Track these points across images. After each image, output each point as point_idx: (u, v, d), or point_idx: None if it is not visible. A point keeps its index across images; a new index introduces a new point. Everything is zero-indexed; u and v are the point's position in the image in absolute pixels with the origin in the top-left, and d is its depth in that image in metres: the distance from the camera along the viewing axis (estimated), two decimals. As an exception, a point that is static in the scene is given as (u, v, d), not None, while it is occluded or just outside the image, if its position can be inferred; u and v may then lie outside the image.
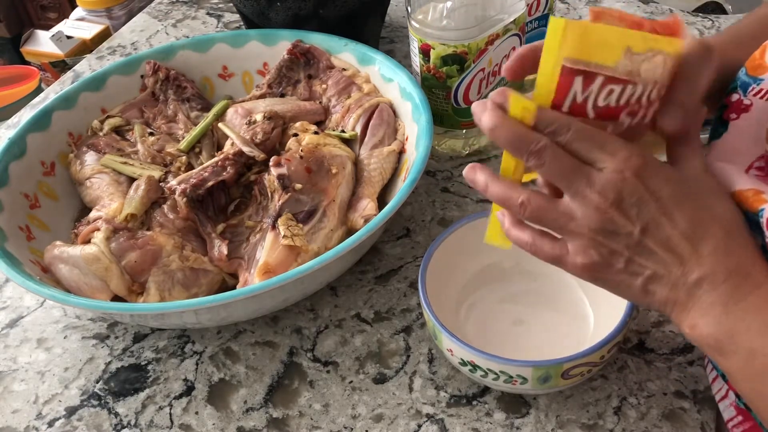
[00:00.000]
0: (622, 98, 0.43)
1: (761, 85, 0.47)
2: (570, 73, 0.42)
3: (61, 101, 0.77)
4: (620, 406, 0.57)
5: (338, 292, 0.68)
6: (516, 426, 0.56)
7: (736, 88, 0.49)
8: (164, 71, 0.82)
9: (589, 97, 0.42)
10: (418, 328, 0.64)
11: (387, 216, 0.61)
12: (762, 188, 0.46)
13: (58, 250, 0.64)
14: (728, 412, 0.51)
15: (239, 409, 0.60)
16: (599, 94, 0.42)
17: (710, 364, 0.53)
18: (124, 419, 0.60)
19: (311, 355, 0.63)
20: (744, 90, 0.48)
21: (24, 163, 0.72)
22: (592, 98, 0.43)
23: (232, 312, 0.61)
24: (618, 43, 0.41)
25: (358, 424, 0.57)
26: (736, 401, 0.50)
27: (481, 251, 0.64)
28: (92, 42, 1.89)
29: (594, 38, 0.41)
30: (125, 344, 0.66)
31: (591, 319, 0.61)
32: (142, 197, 0.67)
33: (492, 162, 0.78)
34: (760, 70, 0.47)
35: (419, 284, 0.58)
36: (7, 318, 0.70)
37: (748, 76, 0.48)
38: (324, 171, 0.67)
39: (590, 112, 0.43)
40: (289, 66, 0.80)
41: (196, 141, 0.75)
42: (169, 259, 0.63)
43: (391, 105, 0.76)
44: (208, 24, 1.08)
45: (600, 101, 0.43)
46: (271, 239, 0.62)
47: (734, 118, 0.49)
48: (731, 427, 0.51)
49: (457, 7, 0.70)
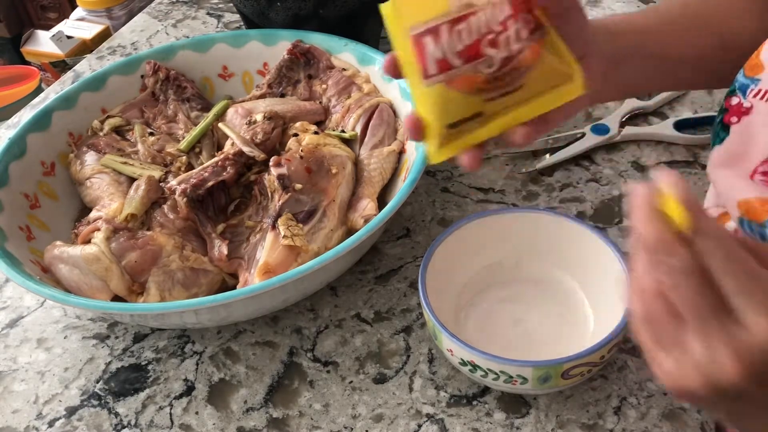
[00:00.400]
0: (473, 32, 0.42)
1: (759, 85, 0.46)
2: (419, 39, 0.42)
3: (62, 101, 0.77)
4: (620, 406, 0.57)
5: (338, 292, 0.68)
6: (516, 426, 0.56)
7: (734, 91, 0.49)
8: (164, 71, 0.82)
9: (446, 49, 0.42)
10: (418, 328, 0.64)
11: (387, 216, 0.61)
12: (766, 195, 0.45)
13: (58, 250, 0.64)
14: None
15: (239, 409, 0.60)
16: (451, 41, 0.42)
17: None
18: (125, 419, 0.60)
19: (311, 355, 0.63)
20: (743, 92, 0.48)
21: (24, 163, 0.72)
22: (449, 48, 0.42)
23: (232, 312, 0.61)
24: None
25: (358, 424, 0.57)
26: None
27: (481, 251, 0.64)
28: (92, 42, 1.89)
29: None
30: (125, 344, 0.66)
31: (591, 319, 0.61)
32: (142, 197, 0.67)
33: (492, 162, 0.78)
34: (756, 70, 0.47)
35: (419, 284, 0.58)
36: (7, 318, 0.70)
37: (745, 77, 0.47)
38: (324, 171, 0.67)
39: (455, 61, 0.43)
40: (289, 66, 0.80)
41: (196, 141, 0.75)
42: (169, 259, 0.63)
43: (392, 105, 0.76)
44: (208, 24, 1.08)
45: (457, 46, 0.42)
46: (271, 239, 0.62)
47: (735, 121, 0.48)
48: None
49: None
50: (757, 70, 0.47)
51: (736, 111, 0.48)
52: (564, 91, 0.44)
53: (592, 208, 0.73)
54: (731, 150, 0.48)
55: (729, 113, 0.49)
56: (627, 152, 0.78)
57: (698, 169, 0.75)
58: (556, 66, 0.44)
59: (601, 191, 0.74)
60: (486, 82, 0.43)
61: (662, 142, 0.79)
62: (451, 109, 0.44)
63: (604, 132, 0.79)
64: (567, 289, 0.63)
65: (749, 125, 0.47)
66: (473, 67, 0.43)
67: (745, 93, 0.47)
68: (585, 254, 0.61)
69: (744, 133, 0.47)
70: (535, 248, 0.64)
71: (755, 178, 0.46)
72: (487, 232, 0.63)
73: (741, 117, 0.48)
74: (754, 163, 0.47)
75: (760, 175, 0.46)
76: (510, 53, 0.43)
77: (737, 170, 0.47)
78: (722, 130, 0.49)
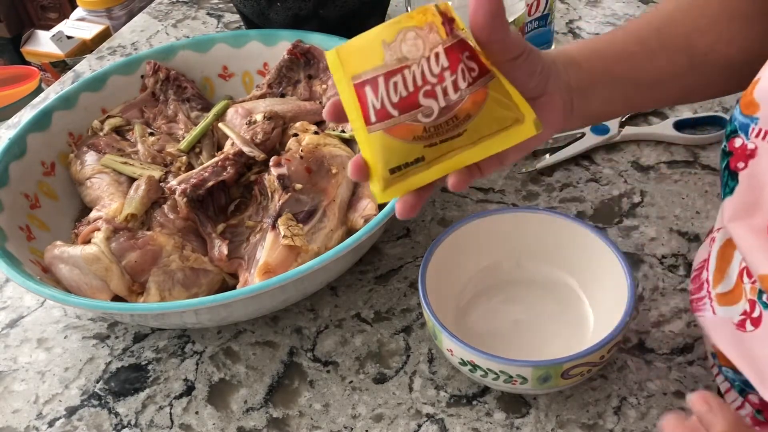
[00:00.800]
0: (408, 84, 0.44)
1: (759, 124, 0.44)
2: (360, 88, 0.44)
3: (62, 101, 0.77)
4: (620, 406, 0.57)
5: (338, 292, 0.68)
6: (516, 426, 0.56)
7: (736, 131, 0.46)
8: (164, 71, 0.82)
9: (383, 100, 0.44)
10: (418, 328, 0.64)
11: (387, 216, 0.61)
12: None
13: (59, 250, 0.64)
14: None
15: (239, 409, 0.60)
16: (388, 92, 0.44)
17: (721, 375, 0.52)
18: (125, 419, 0.60)
19: (311, 355, 0.63)
20: (745, 132, 0.45)
21: (24, 163, 0.72)
22: (386, 98, 0.44)
23: (232, 312, 0.61)
24: (374, 43, 0.44)
25: (358, 424, 0.57)
26: (754, 413, 0.49)
27: (481, 251, 0.64)
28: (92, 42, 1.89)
29: (356, 49, 0.45)
30: (125, 344, 0.66)
31: (591, 319, 0.61)
32: (142, 197, 0.67)
33: (492, 162, 0.78)
34: (752, 108, 0.45)
35: (419, 284, 0.58)
36: (7, 318, 0.70)
37: (743, 116, 0.45)
38: (324, 171, 0.67)
39: (392, 111, 0.44)
40: (289, 66, 0.80)
41: (197, 141, 0.75)
42: (169, 259, 0.63)
43: (391, 105, 0.76)
44: (208, 24, 1.08)
45: (393, 97, 0.44)
46: (271, 239, 0.62)
47: (743, 167, 0.45)
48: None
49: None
50: (754, 108, 0.44)
51: (742, 155, 0.45)
52: (513, 133, 0.45)
53: (592, 208, 0.73)
54: (744, 201, 0.46)
55: (735, 157, 0.46)
56: (627, 152, 0.79)
57: (698, 169, 0.75)
58: (502, 111, 0.45)
59: (601, 191, 0.74)
60: (425, 131, 0.44)
61: (662, 142, 0.79)
62: (393, 155, 0.45)
63: (604, 132, 0.79)
64: (567, 289, 0.63)
65: (758, 169, 0.44)
66: (411, 117, 0.44)
67: (747, 133, 0.45)
68: (585, 254, 0.61)
69: (753, 179, 0.45)
70: (535, 248, 0.64)
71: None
72: (487, 232, 0.63)
73: (747, 161, 0.45)
74: (764, 217, 0.44)
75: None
76: (447, 103, 0.44)
77: (752, 223, 0.45)
78: (731, 178, 0.47)
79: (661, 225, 0.70)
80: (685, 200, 0.72)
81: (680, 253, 0.67)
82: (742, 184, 0.46)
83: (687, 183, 0.74)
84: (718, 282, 0.49)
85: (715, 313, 0.49)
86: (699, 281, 0.53)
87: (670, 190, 0.74)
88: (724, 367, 0.50)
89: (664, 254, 0.67)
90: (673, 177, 0.75)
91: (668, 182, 0.74)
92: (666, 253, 0.67)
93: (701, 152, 0.77)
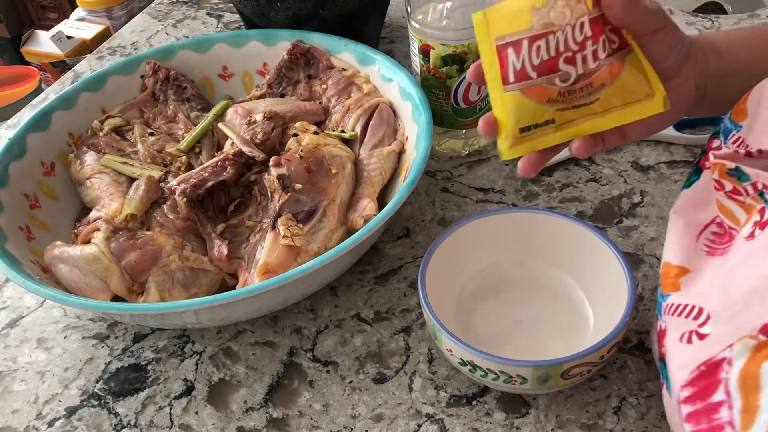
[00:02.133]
0: (551, 49, 0.46)
1: (740, 132, 0.45)
2: (502, 49, 0.47)
3: (61, 101, 0.77)
4: (620, 406, 0.57)
5: (338, 292, 0.68)
6: (516, 426, 0.56)
7: (718, 133, 0.47)
8: (164, 71, 0.82)
9: (525, 62, 0.47)
10: (418, 328, 0.64)
11: (387, 216, 0.61)
12: (693, 264, 0.44)
13: (58, 250, 0.64)
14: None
15: (239, 409, 0.60)
16: (530, 54, 0.47)
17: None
18: (124, 419, 0.60)
19: (311, 355, 0.63)
20: (725, 136, 0.46)
21: (24, 163, 0.72)
22: (528, 61, 0.47)
23: (232, 312, 0.61)
24: (524, 7, 0.47)
25: (358, 424, 0.57)
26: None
27: (481, 251, 0.64)
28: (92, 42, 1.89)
29: (506, 13, 0.48)
30: (125, 344, 0.66)
31: (591, 319, 0.61)
32: (142, 197, 0.67)
33: (491, 161, 0.78)
34: (741, 116, 0.46)
35: (419, 284, 0.58)
36: (7, 318, 0.70)
37: (731, 122, 0.46)
38: (324, 171, 0.67)
39: (531, 73, 0.47)
40: (289, 66, 0.80)
41: (196, 141, 0.75)
42: (169, 259, 0.63)
43: (391, 105, 0.76)
44: (208, 24, 1.08)
45: (534, 60, 0.47)
46: (271, 239, 0.62)
47: (708, 167, 0.47)
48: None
49: (457, 7, 0.70)
50: (741, 116, 0.46)
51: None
52: (641, 108, 0.47)
53: (592, 208, 0.73)
54: (696, 197, 0.47)
55: (706, 156, 0.47)
56: (627, 152, 0.79)
57: (698, 169, 0.75)
58: (635, 85, 0.46)
59: (601, 191, 0.74)
60: (560, 95, 0.47)
61: (662, 142, 0.79)
62: (525, 115, 0.48)
63: (604, 132, 0.79)
64: (567, 289, 0.63)
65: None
66: (548, 80, 0.47)
67: (727, 137, 0.46)
68: (585, 254, 0.61)
69: (713, 181, 0.46)
70: (535, 248, 0.64)
71: (702, 237, 0.46)
72: (487, 232, 0.63)
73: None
74: (710, 215, 0.46)
75: (711, 234, 0.46)
76: (585, 71, 0.46)
77: (693, 220, 0.46)
78: (695, 173, 0.48)
79: (661, 225, 0.70)
80: (685, 200, 0.72)
81: (680, 253, 0.67)
82: (702, 181, 0.47)
83: (687, 183, 0.74)
84: (749, 425, 0.37)
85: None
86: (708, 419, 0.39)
87: (670, 190, 0.74)
88: None
89: (664, 254, 0.67)
90: (673, 177, 0.75)
91: (668, 182, 0.74)
92: (666, 253, 0.67)
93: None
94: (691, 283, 0.44)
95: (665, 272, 0.45)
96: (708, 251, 0.46)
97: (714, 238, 0.46)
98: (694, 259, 0.45)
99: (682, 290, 0.44)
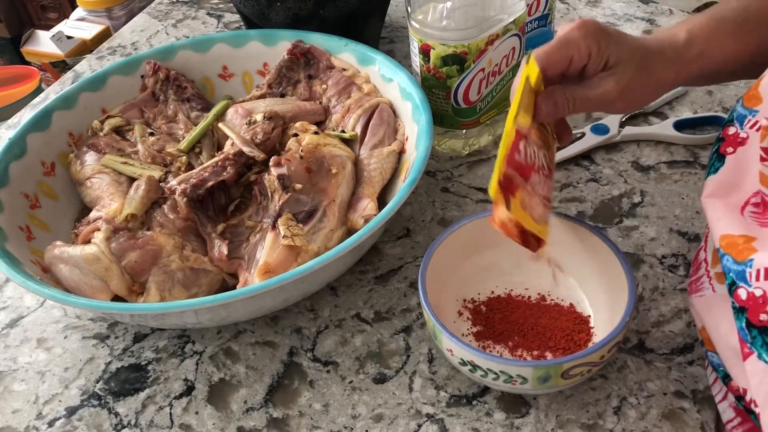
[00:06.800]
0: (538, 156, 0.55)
1: (756, 117, 0.46)
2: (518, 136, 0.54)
3: (62, 101, 0.77)
4: (620, 406, 0.57)
5: (338, 292, 0.68)
6: (516, 426, 0.56)
7: (732, 120, 0.49)
8: (164, 71, 0.82)
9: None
10: (418, 328, 0.64)
11: (387, 216, 0.61)
12: (754, 233, 0.45)
13: (59, 250, 0.64)
14: (727, 414, 0.51)
15: (239, 409, 0.60)
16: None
17: (710, 366, 0.53)
18: (124, 419, 0.60)
19: (311, 355, 0.63)
20: (740, 122, 0.48)
21: (24, 163, 0.72)
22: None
23: (232, 312, 0.61)
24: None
25: (358, 424, 0.57)
26: (736, 403, 0.50)
27: (481, 251, 0.64)
28: (92, 42, 1.89)
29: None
30: (125, 344, 0.66)
31: (591, 319, 0.60)
32: (142, 197, 0.67)
33: (491, 161, 0.78)
34: (754, 101, 0.47)
35: (419, 284, 0.58)
36: (7, 318, 0.70)
37: (744, 108, 0.47)
38: (324, 171, 0.67)
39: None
40: (289, 66, 0.80)
41: (197, 141, 0.75)
42: (169, 259, 0.63)
43: (391, 105, 0.76)
44: (208, 24, 1.08)
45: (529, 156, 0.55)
46: (271, 239, 0.62)
47: (731, 152, 0.48)
48: (730, 428, 0.51)
49: (457, 7, 0.70)
50: (756, 101, 0.47)
51: (733, 141, 0.48)
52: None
53: (592, 208, 0.73)
54: (725, 181, 0.48)
55: (726, 143, 0.49)
56: (627, 152, 0.79)
57: (698, 169, 0.75)
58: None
59: (601, 191, 0.74)
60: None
61: (662, 142, 0.79)
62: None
63: (604, 132, 0.79)
64: (567, 289, 0.63)
65: (745, 156, 0.47)
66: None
67: (742, 123, 0.47)
68: (585, 254, 0.61)
69: (739, 163, 0.47)
70: (535, 248, 0.64)
71: (745, 213, 0.47)
72: (487, 232, 0.63)
73: (737, 147, 0.48)
74: (746, 194, 0.47)
75: (753, 206, 0.47)
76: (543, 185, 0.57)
77: (729, 202, 0.47)
78: (718, 159, 0.49)
79: (661, 225, 0.70)
80: (685, 200, 0.72)
81: (680, 253, 0.67)
82: (728, 166, 0.48)
83: (687, 183, 0.74)
84: (717, 262, 0.50)
85: (715, 291, 0.49)
86: (697, 262, 0.53)
87: (670, 190, 0.74)
88: (710, 352, 0.50)
89: (664, 254, 0.67)
90: (673, 177, 0.75)
91: (668, 182, 0.74)
92: (666, 253, 0.67)
93: (701, 152, 0.77)
94: (765, 246, 0.44)
95: (730, 242, 0.45)
96: (759, 224, 0.46)
97: (755, 216, 0.46)
98: (752, 228, 0.46)
99: (761, 251, 0.44)
